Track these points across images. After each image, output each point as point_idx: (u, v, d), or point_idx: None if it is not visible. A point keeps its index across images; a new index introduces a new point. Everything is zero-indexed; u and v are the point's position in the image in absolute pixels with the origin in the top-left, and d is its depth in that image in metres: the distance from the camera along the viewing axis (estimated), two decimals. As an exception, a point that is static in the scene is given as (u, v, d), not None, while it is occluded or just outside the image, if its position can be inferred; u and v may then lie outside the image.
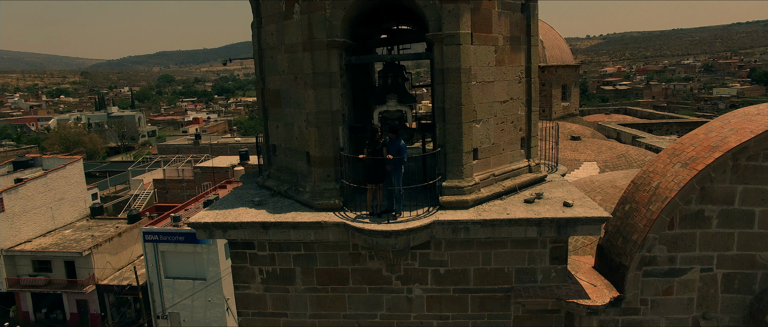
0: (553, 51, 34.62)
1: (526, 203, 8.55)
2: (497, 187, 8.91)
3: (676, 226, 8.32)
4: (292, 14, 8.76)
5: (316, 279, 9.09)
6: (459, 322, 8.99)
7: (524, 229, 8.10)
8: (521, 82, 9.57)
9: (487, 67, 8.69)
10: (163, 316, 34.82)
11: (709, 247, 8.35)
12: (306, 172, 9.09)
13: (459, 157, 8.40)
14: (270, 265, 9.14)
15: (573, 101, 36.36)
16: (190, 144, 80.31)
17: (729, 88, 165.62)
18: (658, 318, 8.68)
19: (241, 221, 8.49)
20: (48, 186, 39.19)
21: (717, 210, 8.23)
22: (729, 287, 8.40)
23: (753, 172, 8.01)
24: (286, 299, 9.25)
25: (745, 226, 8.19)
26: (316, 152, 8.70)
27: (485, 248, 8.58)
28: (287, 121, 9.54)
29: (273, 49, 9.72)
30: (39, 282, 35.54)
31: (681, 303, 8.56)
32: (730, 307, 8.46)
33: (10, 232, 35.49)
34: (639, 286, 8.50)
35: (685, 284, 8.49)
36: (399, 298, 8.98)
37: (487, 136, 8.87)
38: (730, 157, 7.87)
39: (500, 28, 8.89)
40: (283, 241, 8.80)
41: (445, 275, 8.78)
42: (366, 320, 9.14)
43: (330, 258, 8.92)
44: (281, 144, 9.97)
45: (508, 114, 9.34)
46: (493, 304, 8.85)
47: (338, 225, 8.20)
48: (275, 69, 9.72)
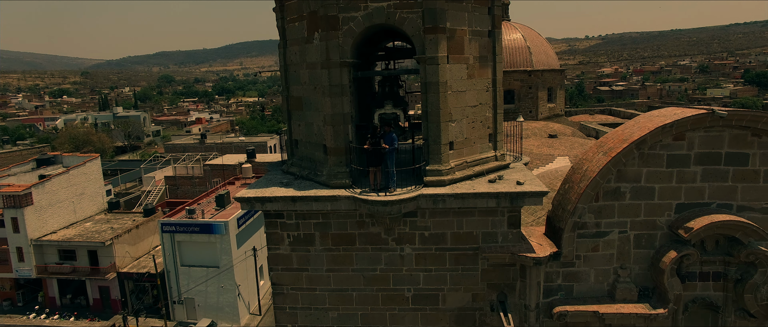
0: (540, 56, 37.41)
1: (490, 182, 11.39)
2: (468, 171, 11.75)
3: (601, 199, 11.18)
4: (312, 40, 11.60)
5: (330, 241, 11.93)
6: (440, 274, 11.84)
7: (486, 200, 10.95)
8: (489, 90, 12.42)
9: (460, 80, 11.52)
10: (179, 301, 37.68)
11: (624, 215, 11.21)
12: (323, 160, 11.93)
13: (438, 148, 11.24)
14: (295, 230, 11.98)
15: (559, 102, 39.18)
16: (196, 143, 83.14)
17: (722, 89, 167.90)
18: (589, 269, 11.54)
19: (275, 196, 11.35)
20: (70, 182, 42.01)
21: (629, 187, 11.09)
22: (638, 244, 11.26)
23: (652, 158, 10.87)
24: (307, 257, 12.10)
25: (649, 199, 11.05)
26: (331, 144, 11.54)
27: (458, 216, 11.42)
28: (308, 121, 12.37)
29: (296, 65, 12.56)
30: (65, 269, 38.36)
31: (604, 257, 11.42)
32: (639, 259, 11.31)
33: (38, 223, 38.30)
34: (573, 245, 11.35)
35: (608, 243, 11.35)
36: (394, 256, 11.83)
37: (460, 132, 11.71)
38: (635, 147, 10.72)
39: (471, 50, 11.73)
40: (306, 212, 11.64)
41: (429, 237, 11.63)
42: (369, 273, 11.98)
43: (341, 225, 11.76)
44: (302, 139, 12.82)
45: (478, 115, 12.18)
46: (465, 259, 11.69)
47: (348, 198, 11.04)
48: (298, 80, 12.56)
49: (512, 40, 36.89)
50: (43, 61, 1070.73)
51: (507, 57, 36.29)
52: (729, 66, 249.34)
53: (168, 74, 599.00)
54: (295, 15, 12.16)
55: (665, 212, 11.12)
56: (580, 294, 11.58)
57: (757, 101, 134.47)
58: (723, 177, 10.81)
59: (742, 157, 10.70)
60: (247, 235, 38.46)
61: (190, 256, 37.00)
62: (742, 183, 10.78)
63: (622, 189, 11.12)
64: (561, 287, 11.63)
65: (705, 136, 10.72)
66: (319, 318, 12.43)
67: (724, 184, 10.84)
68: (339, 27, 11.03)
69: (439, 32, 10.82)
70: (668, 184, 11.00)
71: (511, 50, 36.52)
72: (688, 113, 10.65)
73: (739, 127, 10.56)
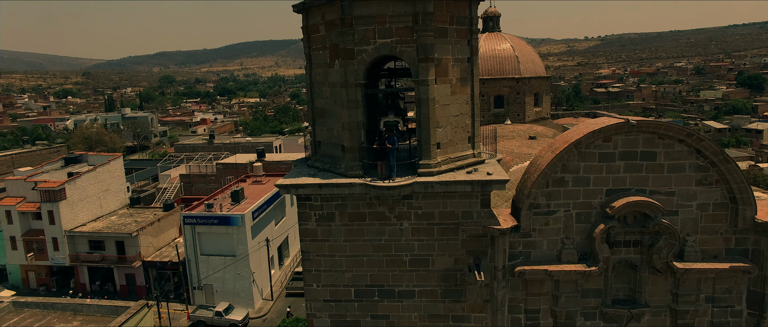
0: (527, 65, 41.11)
1: (467, 173, 15.14)
2: (452, 165, 15.49)
3: (550, 186, 14.93)
4: (334, 65, 15.34)
5: (347, 218, 15.67)
6: (430, 243, 15.58)
7: (464, 186, 14.70)
8: (468, 103, 16.15)
9: (445, 96, 15.26)
10: (199, 287, 41.43)
11: (567, 198, 14.95)
12: (341, 156, 15.66)
13: (428, 147, 14.99)
14: (320, 210, 15.73)
15: (545, 106, 42.88)
16: (205, 143, 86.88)
17: (715, 91, 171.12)
18: (542, 239, 15.29)
19: (306, 183, 15.11)
20: (97, 179, 45.77)
21: (571, 176, 14.85)
22: (578, 220, 15.01)
23: (588, 155, 14.63)
24: (329, 230, 15.84)
25: (586, 185, 14.80)
26: (348, 144, 15.28)
27: (443, 198, 15.16)
28: (329, 126, 16.12)
29: (320, 83, 16.30)
30: (95, 258, 42.13)
31: (554, 230, 15.17)
32: (579, 231, 15.06)
33: (70, 216, 42.06)
34: (530, 220, 15.10)
35: (556, 219, 15.10)
36: (395, 229, 15.57)
37: (445, 135, 15.45)
38: (574, 147, 14.48)
39: (454, 73, 15.48)
40: (329, 195, 15.38)
41: (421, 215, 15.37)
42: (376, 242, 15.72)
43: (355, 205, 15.50)
44: (324, 140, 16.56)
45: (459, 123, 15.92)
46: (449, 232, 15.43)
47: (361, 185, 14.77)
48: (321, 95, 16.30)
49: (502, 50, 40.60)
50: (44, 61, 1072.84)
51: (497, 65, 40.00)
52: (724, 68, 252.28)
53: (169, 74, 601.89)
54: (319, 45, 15.92)
55: (598, 196, 14.87)
56: (535, 258, 15.33)
57: (747, 103, 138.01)
58: (638, 169, 14.57)
59: (651, 154, 14.46)
60: (260, 227, 42.21)
61: (209, 245, 40.72)
62: (652, 173, 14.54)
63: (566, 178, 14.88)
64: (521, 253, 15.38)
65: (625, 138, 14.48)
66: (337, 278, 16.19)
67: (640, 174, 14.59)
68: (354, 56, 14.77)
69: (429, 61, 14.58)
70: (600, 174, 14.76)
71: (500, 59, 40.23)
72: (612, 122, 14.41)
73: (649, 132, 14.32)
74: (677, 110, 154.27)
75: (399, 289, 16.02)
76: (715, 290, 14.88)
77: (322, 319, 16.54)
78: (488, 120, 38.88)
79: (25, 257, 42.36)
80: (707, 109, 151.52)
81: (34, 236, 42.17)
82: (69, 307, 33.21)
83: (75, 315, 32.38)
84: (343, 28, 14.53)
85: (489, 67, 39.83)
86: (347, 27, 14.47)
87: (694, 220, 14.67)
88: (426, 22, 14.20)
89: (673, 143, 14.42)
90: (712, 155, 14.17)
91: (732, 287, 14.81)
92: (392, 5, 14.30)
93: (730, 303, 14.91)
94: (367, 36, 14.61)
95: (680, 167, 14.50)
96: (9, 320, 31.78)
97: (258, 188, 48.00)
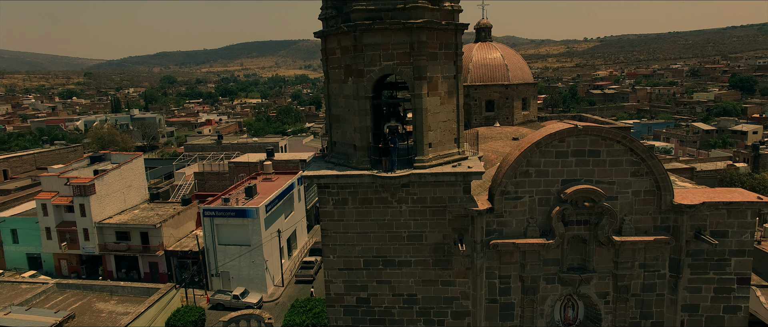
0: (516, 72, 45.15)
1: (452, 167, 19.22)
2: (440, 160, 19.57)
3: (517, 176, 19.01)
4: (347, 81, 19.41)
5: (357, 202, 19.73)
6: (423, 222, 19.64)
7: (450, 177, 18.78)
8: (454, 111, 20.22)
9: (435, 106, 19.33)
10: (217, 274, 45.49)
11: (532, 186, 19.03)
12: (352, 153, 19.72)
13: (422, 146, 19.06)
14: (336, 196, 19.80)
15: (532, 110, 46.92)
16: (213, 143, 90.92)
17: (708, 93, 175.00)
18: (512, 219, 19.36)
19: (326, 174, 19.19)
20: (121, 175, 49.84)
21: (534, 169, 18.94)
22: (540, 204, 19.09)
23: (547, 153, 18.70)
24: (343, 212, 19.91)
25: (546, 176, 18.87)
26: (358, 144, 19.34)
27: (434, 186, 19.24)
28: (343, 130, 20.19)
29: (335, 95, 20.38)
30: (121, 247, 46.20)
31: (521, 212, 19.25)
32: (541, 213, 19.14)
33: (99, 209, 46.12)
34: (502, 204, 19.17)
35: (522, 203, 19.18)
36: (396, 211, 19.64)
37: (436, 137, 19.52)
38: (535, 146, 18.57)
39: (442, 87, 19.55)
40: (343, 183, 19.45)
41: (417, 199, 19.44)
42: (380, 222, 19.78)
43: (364, 192, 19.57)
44: (339, 140, 20.63)
45: (447, 127, 20.00)
46: (438, 213, 19.50)
47: (369, 175, 18.84)
48: (337, 105, 20.37)
49: (492, 59, 44.66)
50: (44, 61, 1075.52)
51: (488, 72, 44.04)
52: (719, 70, 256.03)
53: (170, 75, 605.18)
54: (335, 65, 20.01)
55: (555, 184, 18.95)
56: (506, 233, 19.40)
57: (737, 105, 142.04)
58: (586, 164, 18.64)
59: (596, 152, 18.54)
60: (272, 220, 46.30)
61: (226, 236, 44.80)
62: (596, 167, 18.62)
63: (529, 171, 18.96)
64: (495, 229, 19.44)
65: (576, 140, 18.57)
66: (349, 250, 20.26)
67: (587, 167, 18.67)
68: (364, 75, 18.86)
69: (422, 79, 18.67)
70: (556, 168, 18.84)
71: (491, 67, 44.29)
72: (565, 127, 18.50)
73: (593, 135, 18.41)
74: (670, 112, 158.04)
75: (399, 260, 20.12)
76: (646, 258, 18.98)
77: (337, 284, 20.64)
78: (480, 122, 42.93)
79: (59, 246, 46.42)
80: (699, 111, 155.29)
81: (67, 227, 46.23)
82: (106, 289, 37.20)
83: (111, 295, 36.36)
84: (355, 53, 18.63)
85: (481, 74, 43.90)
86: (358, 52, 18.57)
87: (629, 203, 18.77)
88: (420, 48, 18.31)
89: (613, 143, 18.51)
90: (641, 153, 18.27)
91: (658, 255, 18.91)
92: (394, 35, 18.40)
93: (657, 268, 19.02)
94: (374, 59, 18.71)
95: (618, 162, 18.59)
96: (55, 299, 35.79)
97: (268, 185, 52.05)
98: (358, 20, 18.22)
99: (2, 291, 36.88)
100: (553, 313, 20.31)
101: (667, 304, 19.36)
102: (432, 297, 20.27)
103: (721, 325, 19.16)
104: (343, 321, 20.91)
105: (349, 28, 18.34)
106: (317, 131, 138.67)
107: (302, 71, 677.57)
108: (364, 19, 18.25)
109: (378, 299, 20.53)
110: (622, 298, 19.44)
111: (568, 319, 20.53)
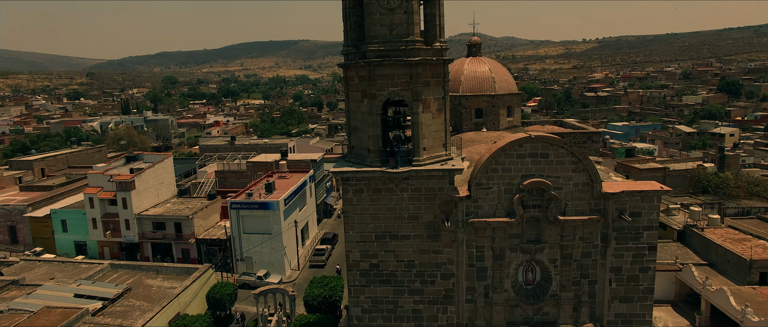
0: (502, 84, 51.85)
1: (441, 164, 26.02)
2: (432, 160, 26.33)
3: (488, 172, 25.81)
4: (363, 101, 26.18)
5: (371, 191, 26.50)
6: (419, 205, 26.42)
7: (438, 173, 25.58)
8: (443, 123, 26.99)
9: (428, 120, 26.09)
10: (241, 259, 52.19)
11: (499, 179, 25.82)
12: (366, 155, 26.49)
13: (419, 150, 25.84)
14: (355, 186, 26.58)
15: (516, 117, 53.63)
16: (227, 144, 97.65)
17: (696, 96, 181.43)
18: (485, 204, 26.14)
19: (348, 170, 25.99)
20: (155, 173, 56.57)
21: (501, 166, 25.73)
22: (506, 192, 25.85)
23: (510, 154, 25.48)
24: (360, 198, 26.69)
25: (510, 172, 25.66)
26: (371, 148, 26.11)
27: (427, 179, 26.01)
28: (359, 137, 26.96)
29: (354, 111, 27.16)
30: (157, 236, 52.94)
31: (491, 198, 26.03)
32: (506, 199, 25.91)
33: (138, 202, 52.86)
34: (477, 192, 25.97)
35: (493, 191, 25.96)
36: (399, 197, 26.41)
37: (429, 143, 26.28)
38: (501, 150, 25.36)
39: (434, 106, 26.33)
40: (360, 177, 26.23)
41: (415, 189, 26.22)
42: (387, 206, 26.54)
43: (375, 183, 26.32)
44: (356, 145, 27.41)
45: (438, 135, 26.76)
46: (430, 199, 26.28)
47: (380, 171, 25.61)
48: (355, 119, 27.14)
49: (481, 72, 51.39)
50: (45, 61, 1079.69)
51: (477, 84, 50.73)
52: (710, 73, 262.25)
53: (170, 75, 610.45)
54: (354, 89, 26.77)
55: (516, 178, 25.71)
56: (481, 214, 26.14)
57: (721, 109, 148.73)
58: (539, 163, 25.41)
59: (546, 154, 25.29)
60: (290, 212, 53.03)
61: (250, 226, 51.48)
62: (547, 165, 25.38)
63: (497, 168, 25.74)
64: (473, 211, 26.19)
65: (531, 145, 25.33)
66: (364, 227, 27.02)
67: (540, 165, 25.43)
68: (375, 97, 25.63)
69: (419, 100, 25.46)
70: (517, 166, 25.61)
71: (480, 79, 51.00)
72: (522, 136, 25.27)
73: (544, 142, 25.19)
74: (659, 114, 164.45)
75: (401, 234, 26.90)
76: (583, 232, 25.77)
77: (355, 253, 27.41)
78: (470, 127, 49.61)
79: (104, 234, 53.11)
80: (687, 113, 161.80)
81: (110, 218, 52.93)
82: (152, 269, 43.79)
83: (157, 274, 42.93)
84: (369, 81, 25.43)
85: (471, 86, 50.63)
86: (372, 80, 25.37)
87: (570, 192, 25.54)
88: (417, 78, 25.11)
89: (558, 148, 25.30)
90: (578, 155, 25.07)
91: (592, 230, 25.71)
92: (398, 69, 25.17)
93: (591, 240, 25.82)
94: (383, 86, 25.50)
95: (562, 162, 25.37)
96: (110, 276, 42.46)
97: (284, 182, 58.78)
98: (372, 57, 25.04)
99: (67, 269, 43.59)
100: (517, 275, 27.11)
101: (599, 267, 26.18)
102: (426, 262, 27.08)
103: (637, 281, 25.98)
104: (359, 281, 27.71)
105: (365, 63, 25.16)
106: (321, 132, 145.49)
107: (302, 71, 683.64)
108: (376, 56, 25.07)
109: (385, 264, 27.34)
110: (566, 263, 26.24)
111: (529, 280, 27.32)
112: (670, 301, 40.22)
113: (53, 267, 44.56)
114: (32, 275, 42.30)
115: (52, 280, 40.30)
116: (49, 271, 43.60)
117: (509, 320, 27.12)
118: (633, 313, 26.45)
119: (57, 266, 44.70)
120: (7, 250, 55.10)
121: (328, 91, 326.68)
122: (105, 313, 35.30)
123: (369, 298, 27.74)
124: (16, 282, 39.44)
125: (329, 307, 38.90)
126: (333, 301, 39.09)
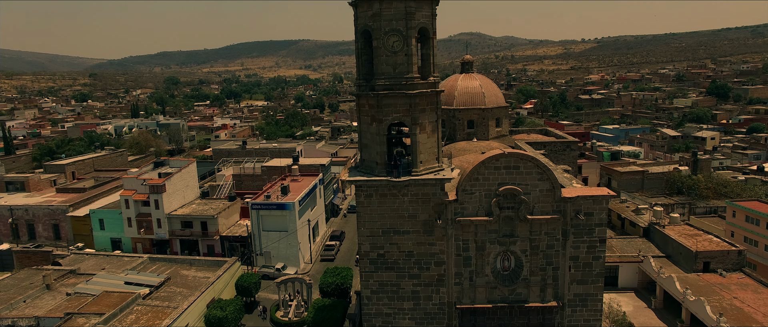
0: (491, 98, 58.42)
1: (434, 175, 32.68)
2: (427, 171, 32.97)
3: (471, 181, 32.45)
4: (372, 124, 32.83)
5: (379, 196, 33.14)
6: (417, 207, 33.08)
7: (432, 181, 32.24)
8: (436, 141, 33.63)
9: (424, 139, 32.72)
10: (260, 253, 58.88)
11: (481, 187, 32.46)
12: (375, 167, 33.13)
13: (416, 163, 32.49)
14: (366, 192, 33.23)
15: (504, 127, 60.22)
16: (238, 148, 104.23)
17: (686, 100, 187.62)
18: (469, 205, 32.77)
19: (360, 179, 32.67)
20: (182, 177, 63.20)
21: (481, 176, 32.39)
22: (486, 196, 32.51)
23: (489, 167, 32.13)
24: (370, 201, 33.34)
25: (489, 181, 32.29)
26: (379, 161, 32.75)
27: (423, 187, 32.63)
28: (370, 150, 33.60)
29: (365, 131, 33.80)
30: (185, 233, 59.60)
31: (474, 200, 32.67)
32: (486, 201, 32.55)
33: (168, 203, 59.51)
34: (462, 196, 32.60)
35: (475, 196, 32.61)
36: (401, 200, 33.06)
37: (424, 157, 32.92)
38: (481, 163, 32.01)
39: (429, 128, 32.97)
40: (371, 185, 32.86)
41: (413, 194, 32.86)
42: (391, 207, 33.19)
43: (382, 189, 32.95)
44: (366, 158, 34.07)
45: (432, 150, 33.40)
46: (426, 202, 32.92)
47: (386, 180, 32.25)
48: (365, 137, 33.79)
49: (472, 87, 57.97)
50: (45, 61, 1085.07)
51: (469, 98, 57.30)
52: (703, 75, 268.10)
53: (172, 75, 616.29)
54: (364, 113, 33.39)
55: (494, 185, 32.35)
56: (466, 214, 32.76)
57: (708, 112, 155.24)
58: (512, 173, 32.03)
59: (517, 166, 31.92)
60: (303, 212, 59.67)
61: (269, 224, 58.14)
62: (517, 176, 32.03)
63: (479, 177, 32.38)
64: (459, 212, 32.83)
65: (505, 159, 31.97)
66: (373, 224, 33.65)
67: (512, 175, 32.07)
68: (382, 121, 32.26)
69: (417, 124, 32.10)
70: (495, 176, 32.25)
71: (471, 94, 57.58)
72: (498, 152, 31.91)
73: (515, 157, 31.84)
74: (649, 117, 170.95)
75: (402, 230, 33.54)
76: (548, 229, 32.41)
77: (366, 245, 34.06)
78: (463, 137, 56.16)
79: (138, 232, 59.79)
80: (676, 116, 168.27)
81: (143, 217, 59.58)
82: (185, 261, 50.39)
83: (191, 266, 49.55)
84: (377, 108, 32.08)
85: (464, 100, 57.21)
86: (379, 108, 32.01)
87: (537, 196, 32.16)
88: (415, 106, 31.75)
89: (527, 162, 31.94)
90: (542, 167, 31.72)
91: (555, 227, 32.36)
92: (400, 99, 31.79)
93: (554, 235, 32.46)
94: (388, 112, 32.15)
95: (530, 172, 32.00)
96: (150, 267, 49.12)
97: (296, 184, 65.44)
98: (379, 90, 31.70)
99: (111, 261, 50.26)
100: (495, 262, 33.75)
101: (560, 256, 32.83)
102: (422, 252, 33.72)
103: (591, 267, 32.65)
104: (369, 268, 34.35)
105: (374, 94, 31.82)
106: (325, 135, 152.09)
107: (303, 71, 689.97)
108: (382, 89, 31.72)
109: (390, 254, 34.00)
110: (535, 253, 32.89)
111: (505, 266, 33.95)
112: (633, 288, 46.88)
113: (100, 259, 51.27)
114: (85, 266, 49.01)
115: (104, 270, 46.99)
116: (97, 262, 50.31)
117: (489, 299, 33.77)
118: (588, 292, 33.14)
119: (103, 259, 51.41)
120: (53, 245, 61.78)
121: (329, 92, 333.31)
122: (152, 298, 41.96)
123: (377, 281, 34.42)
124: (73, 271, 46.15)
125: (341, 292, 45.62)
126: (344, 287, 45.81)
